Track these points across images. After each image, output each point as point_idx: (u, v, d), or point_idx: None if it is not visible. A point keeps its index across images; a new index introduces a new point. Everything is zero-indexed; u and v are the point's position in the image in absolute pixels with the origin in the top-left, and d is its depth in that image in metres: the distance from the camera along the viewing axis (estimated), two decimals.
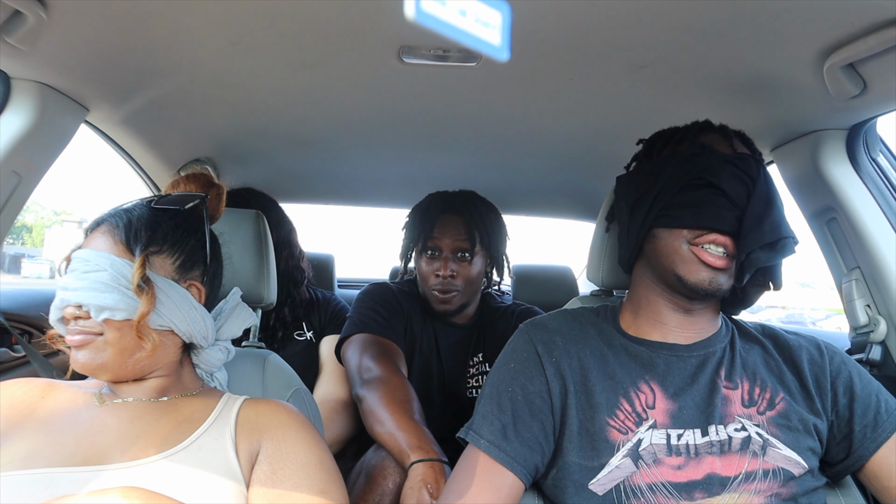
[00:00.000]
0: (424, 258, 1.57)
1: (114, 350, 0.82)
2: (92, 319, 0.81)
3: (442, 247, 1.54)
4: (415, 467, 1.07)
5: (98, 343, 0.81)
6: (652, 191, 0.91)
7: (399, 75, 1.19)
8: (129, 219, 0.87)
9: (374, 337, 1.44)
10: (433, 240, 1.54)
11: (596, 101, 1.31)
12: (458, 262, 1.54)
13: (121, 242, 0.85)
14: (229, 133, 1.65)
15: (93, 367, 0.82)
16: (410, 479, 1.06)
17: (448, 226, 1.55)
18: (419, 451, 1.10)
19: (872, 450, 0.88)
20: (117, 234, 0.85)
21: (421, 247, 1.57)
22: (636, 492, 0.82)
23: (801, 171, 1.32)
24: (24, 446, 0.77)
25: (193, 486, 0.75)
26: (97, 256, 0.83)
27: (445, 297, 1.53)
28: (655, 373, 0.90)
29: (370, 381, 1.30)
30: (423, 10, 0.40)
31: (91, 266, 0.82)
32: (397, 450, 1.13)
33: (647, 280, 0.96)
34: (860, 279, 1.25)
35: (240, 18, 0.99)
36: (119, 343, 0.82)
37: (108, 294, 0.80)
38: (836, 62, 0.96)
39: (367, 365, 1.35)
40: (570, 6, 0.90)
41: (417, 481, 1.05)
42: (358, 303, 1.56)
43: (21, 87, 1.12)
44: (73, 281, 0.81)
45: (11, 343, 1.41)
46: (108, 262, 0.82)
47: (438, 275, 1.52)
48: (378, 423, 1.20)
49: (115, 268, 0.82)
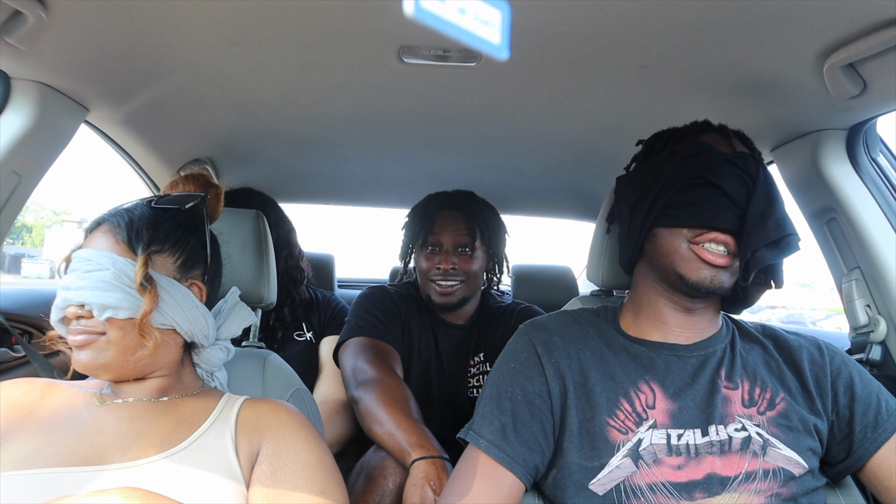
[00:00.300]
0: (425, 254, 1.57)
1: (116, 349, 0.82)
2: (94, 319, 0.81)
3: (443, 242, 1.55)
4: (416, 465, 1.07)
5: (100, 342, 0.81)
6: (652, 190, 0.91)
7: (399, 75, 1.19)
8: (131, 218, 0.87)
9: (370, 340, 1.45)
10: (433, 235, 1.55)
11: (596, 101, 1.31)
12: (458, 257, 1.54)
13: (122, 242, 0.85)
14: (229, 133, 1.65)
15: (95, 367, 0.82)
16: (412, 476, 1.06)
17: (448, 221, 1.55)
18: (420, 448, 1.09)
19: (873, 450, 0.88)
20: (119, 234, 0.85)
21: (421, 242, 1.57)
22: (636, 492, 0.82)
23: (801, 171, 1.32)
24: (24, 446, 0.77)
25: (193, 486, 0.75)
26: (99, 256, 0.83)
27: (446, 289, 1.53)
28: (655, 373, 0.90)
29: (365, 383, 1.30)
30: (422, 7, 0.40)
31: (93, 265, 0.82)
32: (398, 449, 1.13)
33: (649, 280, 0.96)
34: (860, 279, 1.25)
35: (240, 18, 0.99)
36: (122, 342, 0.82)
37: (111, 293, 0.80)
38: (836, 62, 0.96)
39: (362, 367, 1.35)
40: (570, 6, 0.90)
41: (420, 478, 1.05)
42: (355, 306, 1.57)
43: (21, 87, 1.12)
44: (74, 280, 0.81)
45: (11, 343, 1.41)
46: (110, 262, 0.82)
47: (440, 267, 1.52)
48: (377, 424, 1.20)
49: (117, 267, 0.82)
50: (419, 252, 1.60)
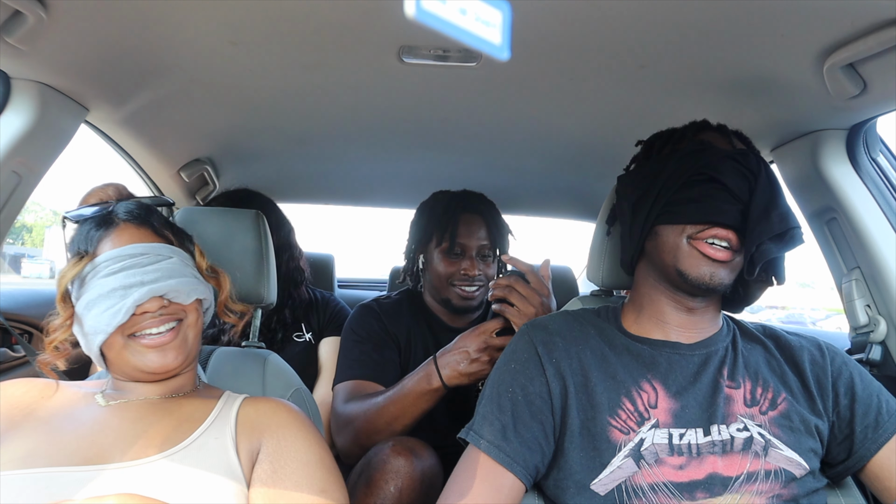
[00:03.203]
0: (446, 258, 1.55)
1: (193, 332, 0.87)
2: (173, 305, 0.84)
3: (468, 246, 1.53)
4: (438, 359, 1.27)
5: (182, 334, 0.85)
6: (654, 188, 0.91)
7: (399, 75, 1.19)
8: (146, 213, 0.91)
9: (357, 384, 1.44)
10: (459, 237, 1.53)
11: (596, 101, 1.31)
12: (482, 262, 1.55)
13: (157, 235, 0.89)
14: (229, 133, 1.65)
15: (179, 362, 0.85)
16: (452, 352, 1.26)
17: (472, 226, 1.55)
18: (420, 371, 1.25)
19: (873, 450, 0.88)
20: (150, 228, 0.89)
21: (447, 246, 1.54)
22: (638, 492, 0.82)
23: (801, 171, 1.32)
24: (24, 446, 0.77)
25: (194, 486, 0.75)
26: (153, 248, 0.86)
27: (470, 294, 1.54)
28: (657, 371, 0.90)
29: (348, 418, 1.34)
30: (423, 8, 0.40)
31: (153, 257, 0.85)
32: (415, 388, 1.25)
33: (650, 279, 0.96)
34: (860, 279, 1.25)
35: (240, 18, 0.99)
36: (196, 325, 0.88)
37: (188, 277, 0.86)
38: (836, 62, 0.96)
39: (344, 410, 1.38)
40: (570, 6, 0.90)
41: (455, 348, 1.26)
42: (343, 339, 1.56)
43: (21, 87, 1.12)
44: (144, 274, 0.82)
45: (11, 343, 1.41)
46: (168, 251, 0.87)
47: (466, 274, 1.52)
48: (377, 419, 1.25)
49: (177, 254, 0.88)
50: (438, 255, 1.56)
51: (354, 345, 1.52)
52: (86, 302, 0.82)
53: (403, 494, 1.10)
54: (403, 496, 1.10)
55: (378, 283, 2.98)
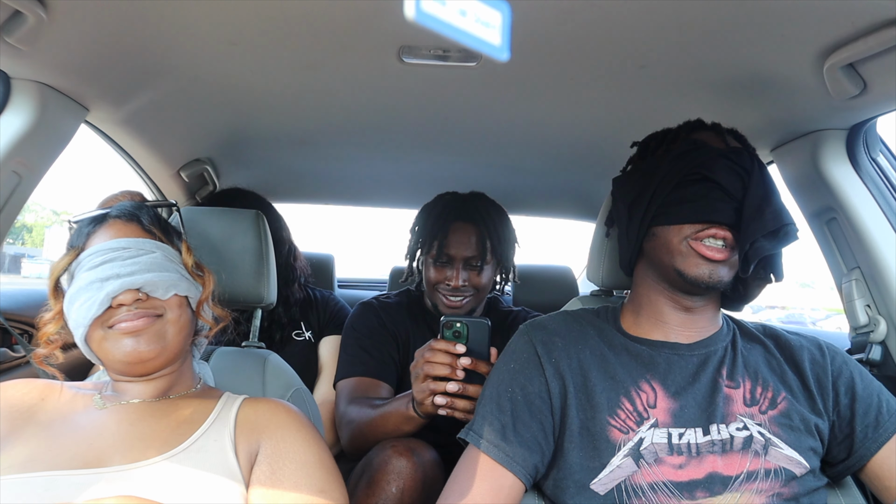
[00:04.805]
0: (434, 265, 1.55)
1: (174, 329, 0.85)
2: (152, 300, 0.83)
3: (454, 256, 1.52)
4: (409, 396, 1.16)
5: (158, 325, 0.83)
6: (648, 190, 0.91)
7: (399, 75, 1.19)
8: (137, 211, 0.90)
9: (359, 381, 1.45)
10: (446, 247, 1.52)
11: (596, 101, 1.31)
12: (469, 272, 1.53)
13: (144, 231, 0.88)
14: (229, 133, 1.65)
15: (153, 353, 0.82)
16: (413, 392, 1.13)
17: (461, 235, 1.52)
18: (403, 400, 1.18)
19: (874, 450, 0.88)
20: (140, 224, 0.88)
21: (435, 254, 1.54)
22: (637, 491, 0.82)
23: (801, 171, 1.32)
24: (24, 449, 0.77)
25: (193, 488, 0.75)
26: (137, 242, 0.85)
27: (454, 303, 1.53)
28: (656, 371, 0.90)
29: (349, 419, 1.34)
30: (423, 10, 0.40)
31: (135, 251, 0.84)
32: (396, 415, 1.20)
33: (649, 279, 0.96)
34: (860, 279, 1.25)
35: (240, 18, 0.99)
36: (178, 322, 0.85)
37: (169, 273, 0.84)
38: (836, 62, 0.96)
39: (346, 411, 1.38)
40: (570, 6, 0.90)
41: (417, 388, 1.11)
42: (344, 336, 1.56)
43: (21, 87, 1.12)
44: (122, 267, 0.81)
45: (11, 343, 1.41)
46: (153, 245, 0.86)
47: (449, 284, 1.51)
48: (371, 431, 1.24)
49: (162, 249, 0.86)
50: (428, 261, 1.57)
51: (355, 342, 1.52)
52: (69, 296, 0.83)
53: (405, 495, 1.10)
54: (405, 497, 1.10)
55: (378, 283, 2.98)
